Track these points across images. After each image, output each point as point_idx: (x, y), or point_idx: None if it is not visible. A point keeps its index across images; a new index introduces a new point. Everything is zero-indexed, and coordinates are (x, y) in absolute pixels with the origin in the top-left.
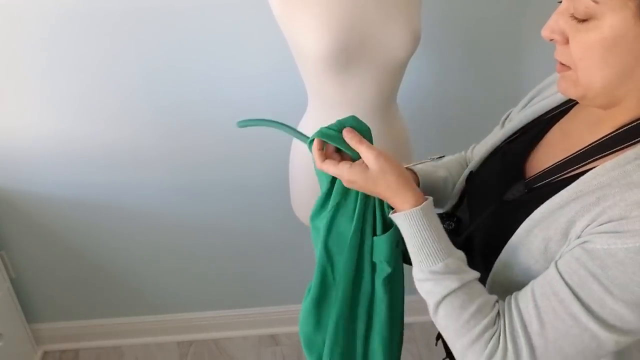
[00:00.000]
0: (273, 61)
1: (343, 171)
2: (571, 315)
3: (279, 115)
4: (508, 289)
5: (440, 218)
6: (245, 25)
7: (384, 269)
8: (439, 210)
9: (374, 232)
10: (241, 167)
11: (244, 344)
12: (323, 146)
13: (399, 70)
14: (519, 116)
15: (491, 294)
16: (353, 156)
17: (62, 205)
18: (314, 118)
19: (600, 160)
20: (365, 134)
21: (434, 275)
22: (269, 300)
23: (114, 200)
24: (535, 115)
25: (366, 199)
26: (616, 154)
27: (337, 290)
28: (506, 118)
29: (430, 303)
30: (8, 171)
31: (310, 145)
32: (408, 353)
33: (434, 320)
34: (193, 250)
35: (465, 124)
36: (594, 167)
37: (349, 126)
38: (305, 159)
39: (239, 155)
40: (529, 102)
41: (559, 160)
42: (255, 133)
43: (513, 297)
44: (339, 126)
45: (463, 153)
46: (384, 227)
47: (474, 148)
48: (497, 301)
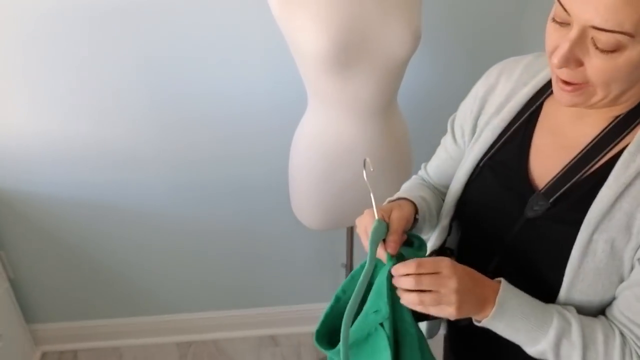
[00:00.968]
0: (273, 61)
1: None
2: None
3: (279, 115)
4: (583, 298)
5: (436, 254)
6: (245, 25)
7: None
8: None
9: None
10: (241, 167)
11: (243, 345)
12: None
13: (399, 70)
14: (489, 127)
15: (568, 300)
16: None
17: (61, 205)
18: (314, 117)
19: (615, 148)
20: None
21: (555, 346)
22: (269, 301)
23: (113, 201)
24: (507, 122)
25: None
26: (629, 135)
27: None
28: (452, 126)
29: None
30: (7, 171)
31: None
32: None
33: None
34: (192, 250)
35: None
36: (612, 156)
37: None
38: (304, 159)
39: (239, 155)
40: (481, 107)
41: (567, 162)
42: (255, 132)
43: (621, 314)
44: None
45: (420, 174)
46: None
47: (427, 167)
48: (604, 318)
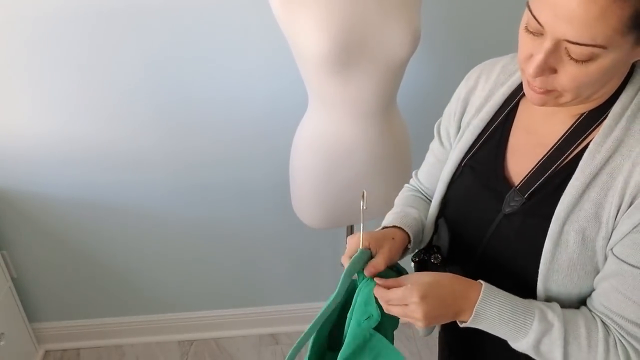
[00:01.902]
0: (274, 61)
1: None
2: None
3: (279, 115)
4: (561, 290)
5: (423, 253)
6: (246, 26)
7: None
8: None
9: None
10: (241, 168)
11: (244, 343)
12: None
13: (399, 70)
14: (470, 128)
15: (546, 292)
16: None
17: (64, 205)
18: (315, 118)
19: (583, 142)
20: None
21: (534, 347)
22: (269, 300)
23: (115, 200)
24: (486, 122)
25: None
26: (596, 130)
27: None
28: (439, 131)
29: (558, 356)
30: (9, 171)
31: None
32: (408, 352)
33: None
34: (194, 249)
35: None
36: (580, 150)
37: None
38: (305, 159)
39: (239, 155)
40: (463, 108)
41: (540, 158)
42: (256, 133)
43: (601, 305)
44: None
45: (412, 182)
46: None
47: (417, 174)
48: (587, 309)
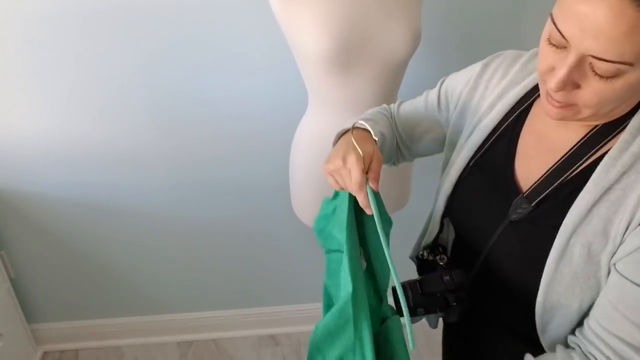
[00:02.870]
0: (273, 61)
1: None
2: None
3: (279, 115)
4: (561, 300)
5: (429, 252)
6: (245, 25)
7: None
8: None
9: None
10: (241, 168)
11: (244, 344)
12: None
13: (399, 70)
14: (480, 126)
15: (545, 304)
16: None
17: (62, 205)
18: (314, 117)
19: (596, 153)
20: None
21: None
22: (269, 301)
23: (114, 201)
24: (497, 122)
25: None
26: (612, 141)
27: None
28: (440, 88)
29: None
30: (8, 171)
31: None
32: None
33: None
34: (193, 250)
35: None
36: (593, 161)
37: None
38: (304, 159)
39: (239, 155)
40: (471, 89)
41: (550, 166)
42: (255, 133)
43: (596, 324)
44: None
45: (390, 106)
46: None
47: (401, 105)
48: (562, 350)
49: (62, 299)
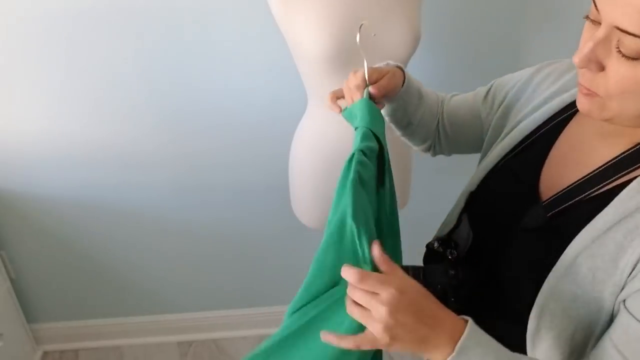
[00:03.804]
0: (272, 61)
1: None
2: None
3: (278, 117)
4: (555, 322)
5: (440, 243)
6: (245, 27)
7: None
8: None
9: None
10: (240, 169)
11: (243, 344)
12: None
13: None
14: (519, 127)
15: (539, 321)
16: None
17: (62, 205)
18: (314, 118)
19: (626, 176)
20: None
21: None
22: (269, 301)
23: (114, 201)
24: (538, 123)
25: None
26: None
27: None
28: (491, 85)
29: None
30: (8, 172)
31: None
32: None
33: None
34: (193, 250)
35: None
36: (620, 184)
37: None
38: (304, 160)
39: (238, 156)
40: (519, 91)
41: (576, 179)
42: (255, 134)
43: None
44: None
45: (442, 94)
46: None
47: (453, 96)
48: None
49: (62, 298)
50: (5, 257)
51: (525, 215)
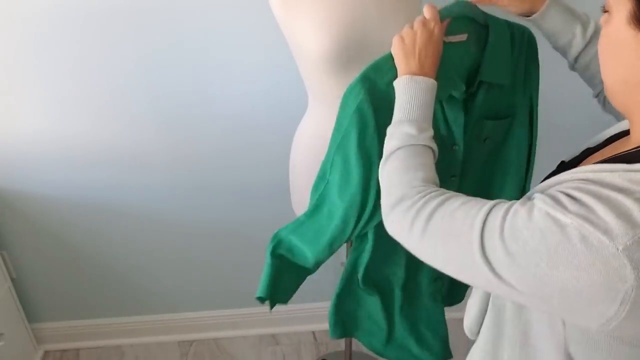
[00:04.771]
0: (273, 62)
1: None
2: (469, 226)
3: (279, 116)
4: None
5: None
6: (245, 26)
7: None
8: None
9: None
10: (241, 168)
11: (244, 344)
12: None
13: None
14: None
15: None
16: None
17: (63, 205)
18: (315, 118)
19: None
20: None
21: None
22: None
23: (114, 201)
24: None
25: None
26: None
27: None
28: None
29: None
30: (9, 171)
31: None
32: None
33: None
34: (194, 250)
35: None
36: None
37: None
38: (304, 160)
39: (240, 155)
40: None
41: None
42: (255, 134)
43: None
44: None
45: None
46: None
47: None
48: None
49: (63, 298)
50: (7, 257)
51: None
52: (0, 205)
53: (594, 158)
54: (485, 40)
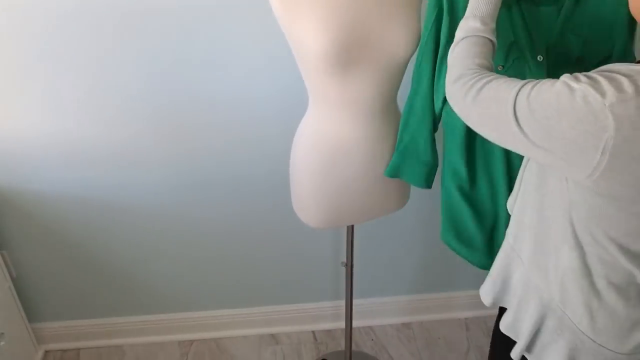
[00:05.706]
0: (273, 61)
1: None
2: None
3: (280, 116)
4: None
5: None
6: (246, 26)
7: None
8: None
9: None
10: (242, 167)
11: (244, 343)
12: None
13: (399, 70)
14: None
15: None
16: None
17: (63, 205)
18: (315, 118)
19: None
20: None
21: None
22: (270, 300)
23: (114, 200)
24: None
25: None
26: None
27: None
28: None
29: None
30: (9, 171)
31: None
32: (408, 352)
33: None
34: (194, 249)
35: None
36: None
37: None
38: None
39: (240, 155)
40: None
41: None
42: (256, 133)
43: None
44: None
45: None
46: None
47: None
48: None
49: (64, 298)
50: (7, 257)
51: None
52: (1, 205)
53: None
54: None
